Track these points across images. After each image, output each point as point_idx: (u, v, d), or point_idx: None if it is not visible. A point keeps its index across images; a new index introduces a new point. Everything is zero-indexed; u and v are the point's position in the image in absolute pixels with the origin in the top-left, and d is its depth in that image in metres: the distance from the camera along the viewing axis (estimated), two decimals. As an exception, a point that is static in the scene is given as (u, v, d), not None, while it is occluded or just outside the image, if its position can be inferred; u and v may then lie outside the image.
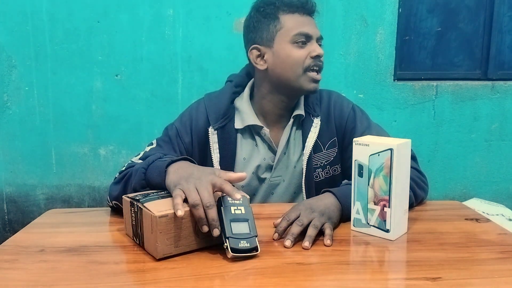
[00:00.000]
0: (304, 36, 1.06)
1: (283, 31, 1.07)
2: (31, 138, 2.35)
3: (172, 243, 0.73)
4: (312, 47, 1.07)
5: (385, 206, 0.81)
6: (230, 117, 1.12)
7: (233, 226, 0.73)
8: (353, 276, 0.70)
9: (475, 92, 2.44)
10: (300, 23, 1.07)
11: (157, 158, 0.90)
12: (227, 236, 0.72)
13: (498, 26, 2.49)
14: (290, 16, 1.07)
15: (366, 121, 1.15)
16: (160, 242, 0.72)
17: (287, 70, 1.07)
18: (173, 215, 0.73)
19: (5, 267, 0.73)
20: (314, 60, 1.06)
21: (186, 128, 1.11)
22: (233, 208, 0.76)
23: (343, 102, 1.17)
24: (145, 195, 0.81)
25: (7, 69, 2.29)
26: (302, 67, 1.06)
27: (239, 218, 0.75)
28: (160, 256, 0.73)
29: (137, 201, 0.78)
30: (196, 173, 0.80)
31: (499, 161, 2.51)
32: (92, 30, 2.28)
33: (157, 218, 0.71)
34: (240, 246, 0.72)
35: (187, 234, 0.75)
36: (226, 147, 1.11)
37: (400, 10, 2.37)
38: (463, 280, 0.67)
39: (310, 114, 1.14)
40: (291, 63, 1.07)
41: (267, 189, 1.15)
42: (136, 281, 0.67)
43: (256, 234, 0.75)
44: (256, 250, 0.74)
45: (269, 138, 1.12)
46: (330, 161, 1.14)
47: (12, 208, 2.42)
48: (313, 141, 1.11)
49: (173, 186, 0.79)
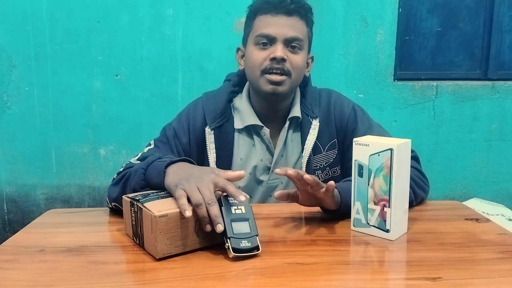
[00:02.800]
0: (265, 38, 1.04)
1: (252, 32, 1.07)
2: (31, 138, 2.35)
3: (172, 243, 0.73)
4: (273, 49, 1.03)
5: (385, 206, 0.81)
6: (228, 117, 1.12)
7: (234, 226, 0.73)
8: (353, 276, 0.70)
9: (475, 92, 2.44)
10: (266, 24, 1.04)
11: (156, 159, 0.89)
12: (228, 236, 0.72)
13: (498, 26, 2.49)
14: (262, 17, 1.05)
15: (367, 121, 1.14)
16: (160, 242, 0.72)
17: (249, 72, 1.09)
18: (173, 215, 0.72)
19: (5, 267, 0.73)
20: (271, 63, 1.03)
21: (183, 128, 1.10)
22: (233, 208, 0.75)
23: (343, 102, 1.15)
24: (145, 195, 0.81)
25: (7, 69, 2.29)
26: (259, 69, 1.05)
27: (239, 218, 0.74)
28: (160, 256, 0.73)
29: (137, 201, 0.78)
30: (197, 173, 0.80)
31: (499, 161, 2.51)
32: (92, 30, 2.28)
33: (157, 218, 0.71)
34: (242, 246, 0.72)
35: (187, 234, 0.74)
36: (223, 147, 1.11)
37: (400, 10, 2.37)
38: (463, 280, 0.67)
39: (308, 115, 1.12)
40: (251, 65, 1.07)
41: (265, 192, 1.14)
42: (136, 281, 0.67)
43: (257, 233, 0.74)
44: (257, 249, 0.74)
45: (268, 138, 1.11)
46: (330, 163, 1.14)
47: (12, 208, 2.42)
48: (312, 143, 1.11)
49: (174, 186, 0.79)
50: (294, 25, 1.05)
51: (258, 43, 1.05)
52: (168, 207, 0.74)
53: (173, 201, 0.76)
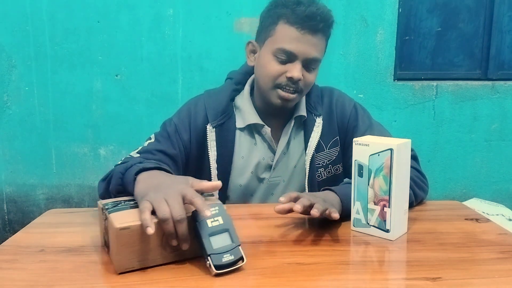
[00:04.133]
0: (286, 54, 1.01)
1: (272, 39, 1.03)
2: (31, 138, 2.35)
3: (134, 257, 0.68)
4: (292, 67, 1.01)
5: (385, 206, 0.81)
6: (230, 115, 1.12)
7: (213, 241, 0.67)
8: (353, 276, 0.70)
9: (475, 92, 2.44)
10: (290, 38, 1.00)
11: (136, 162, 0.85)
12: (208, 253, 0.66)
13: (498, 26, 2.49)
14: (287, 27, 1.00)
15: (368, 120, 1.14)
16: (121, 255, 0.67)
17: (261, 78, 1.07)
18: (136, 227, 0.67)
19: (5, 267, 0.73)
20: (288, 81, 1.02)
21: (184, 124, 1.10)
22: (209, 220, 0.68)
23: (345, 100, 1.16)
24: (116, 203, 0.76)
25: (7, 69, 2.29)
26: (273, 82, 1.04)
27: (218, 230, 0.68)
28: (122, 271, 0.68)
29: (106, 210, 0.73)
30: (166, 183, 0.74)
31: (499, 161, 2.51)
32: (92, 30, 2.28)
33: (117, 230, 0.66)
34: (224, 260, 0.66)
35: (153, 248, 0.69)
36: (224, 145, 1.10)
37: (400, 10, 2.37)
38: (463, 280, 0.67)
39: (312, 113, 1.13)
40: (264, 74, 1.05)
41: (266, 189, 1.15)
42: (136, 281, 0.67)
43: (239, 243, 0.69)
44: (242, 261, 0.68)
45: (269, 137, 1.11)
46: (332, 161, 1.14)
47: (12, 208, 2.42)
48: (316, 141, 1.11)
49: (140, 197, 0.73)
50: (316, 44, 1.02)
51: (278, 56, 1.02)
52: (134, 218, 0.68)
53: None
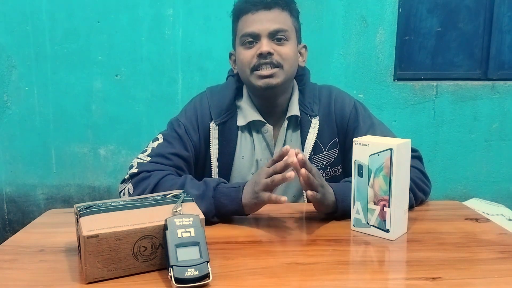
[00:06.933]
0: (250, 36, 1.05)
1: (237, 34, 1.09)
2: (31, 138, 2.35)
3: (104, 266, 0.65)
4: (258, 45, 1.04)
5: (385, 206, 0.81)
6: (233, 113, 1.11)
7: (179, 252, 0.64)
8: (353, 276, 0.70)
9: (475, 92, 2.44)
10: (248, 23, 1.05)
11: (216, 185, 0.92)
12: (171, 264, 0.63)
13: (498, 26, 2.49)
14: (244, 17, 1.06)
15: (369, 119, 1.12)
16: (89, 264, 0.64)
17: (241, 73, 1.10)
18: (106, 235, 0.64)
19: (5, 267, 0.73)
20: (259, 59, 1.04)
21: (193, 124, 1.10)
22: (180, 230, 0.66)
23: (345, 100, 1.13)
24: (88, 206, 0.71)
25: (7, 69, 2.29)
26: (249, 67, 1.05)
27: (187, 242, 0.65)
28: (90, 280, 0.65)
29: (78, 213, 0.69)
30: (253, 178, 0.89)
31: (499, 161, 2.51)
32: (92, 30, 2.28)
33: (85, 238, 0.63)
34: (187, 275, 0.63)
35: (124, 257, 0.66)
36: (226, 144, 1.10)
37: (400, 10, 2.37)
38: (463, 280, 0.67)
39: (307, 114, 1.11)
40: (241, 65, 1.08)
41: None
42: (135, 281, 0.67)
43: (208, 259, 0.65)
44: (208, 278, 0.64)
45: (271, 135, 1.10)
46: (331, 162, 1.13)
47: (12, 208, 2.42)
48: (312, 142, 1.09)
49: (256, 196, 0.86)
50: (275, 17, 1.05)
51: (244, 42, 1.06)
52: (104, 225, 0.65)
53: (116, 217, 0.68)
